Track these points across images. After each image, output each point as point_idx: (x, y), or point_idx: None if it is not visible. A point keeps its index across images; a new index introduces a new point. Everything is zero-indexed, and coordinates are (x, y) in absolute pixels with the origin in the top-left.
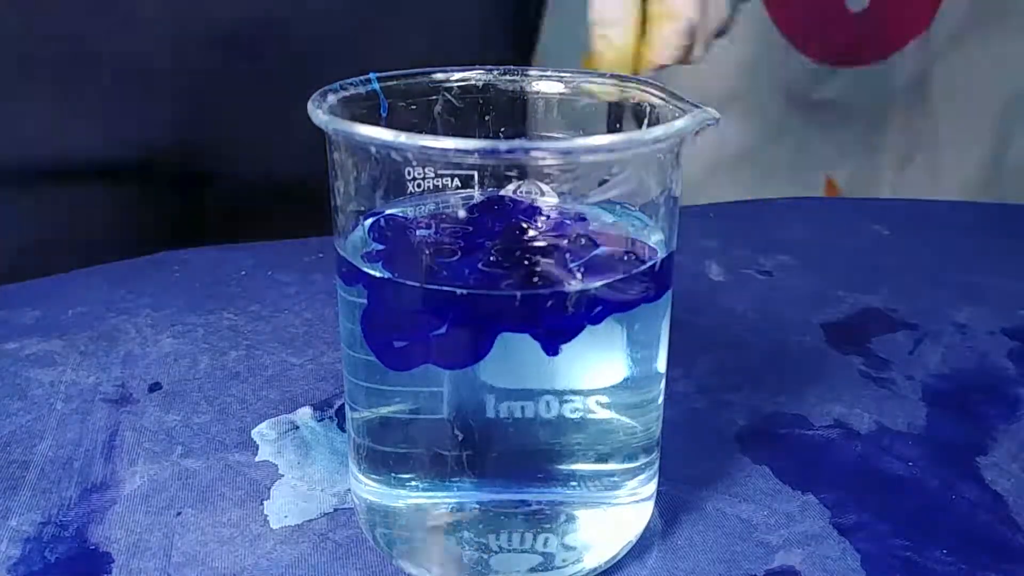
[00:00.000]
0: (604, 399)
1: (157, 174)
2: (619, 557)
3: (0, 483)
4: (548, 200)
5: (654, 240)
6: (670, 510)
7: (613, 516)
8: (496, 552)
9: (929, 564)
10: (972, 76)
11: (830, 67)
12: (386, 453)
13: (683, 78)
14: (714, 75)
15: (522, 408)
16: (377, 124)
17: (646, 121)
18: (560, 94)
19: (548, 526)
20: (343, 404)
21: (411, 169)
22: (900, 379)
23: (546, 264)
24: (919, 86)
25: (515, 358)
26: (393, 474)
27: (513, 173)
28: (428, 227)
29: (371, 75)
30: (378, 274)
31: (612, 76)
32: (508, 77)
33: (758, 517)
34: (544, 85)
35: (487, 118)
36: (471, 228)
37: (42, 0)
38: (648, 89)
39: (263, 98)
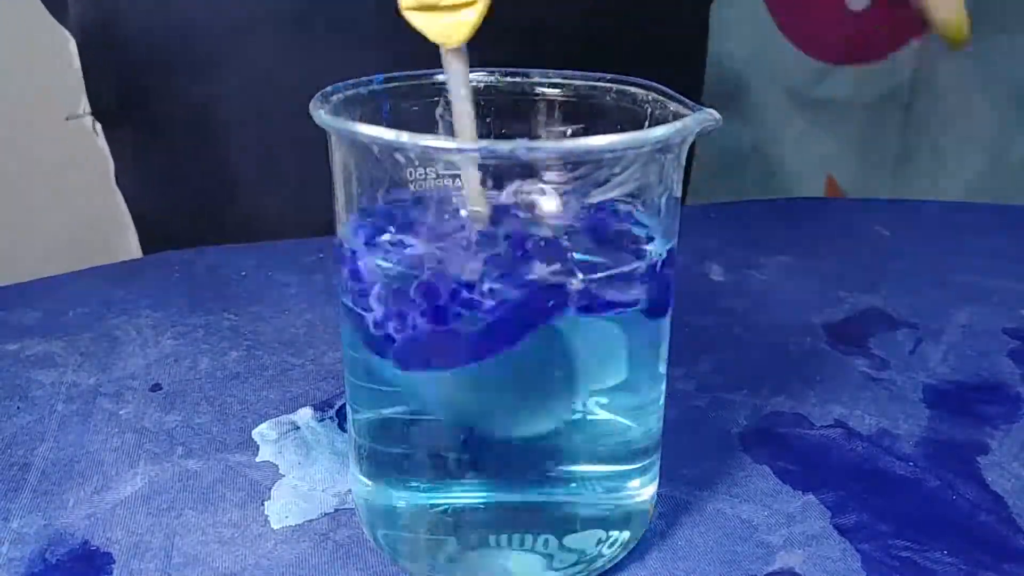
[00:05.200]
0: (605, 400)
1: None
2: (619, 558)
3: (1, 485)
4: (549, 200)
5: (655, 241)
6: (670, 510)
7: (613, 517)
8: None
9: (929, 564)
10: (972, 76)
11: (830, 66)
12: (387, 453)
13: None
14: (714, 75)
15: None
16: (379, 124)
17: (647, 122)
18: (561, 95)
19: (548, 527)
20: (344, 404)
21: (413, 170)
22: (900, 379)
23: (547, 264)
24: (919, 86)
25: None
26: (394, 474)
27: (514, 173)
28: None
29: (375, 76)
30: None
31: (613, 77)
32: (509, 79)
33: (759, 517)
34: (545, 86)
35: (488, 119)
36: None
37: None
38: (649, 90)
39: None
